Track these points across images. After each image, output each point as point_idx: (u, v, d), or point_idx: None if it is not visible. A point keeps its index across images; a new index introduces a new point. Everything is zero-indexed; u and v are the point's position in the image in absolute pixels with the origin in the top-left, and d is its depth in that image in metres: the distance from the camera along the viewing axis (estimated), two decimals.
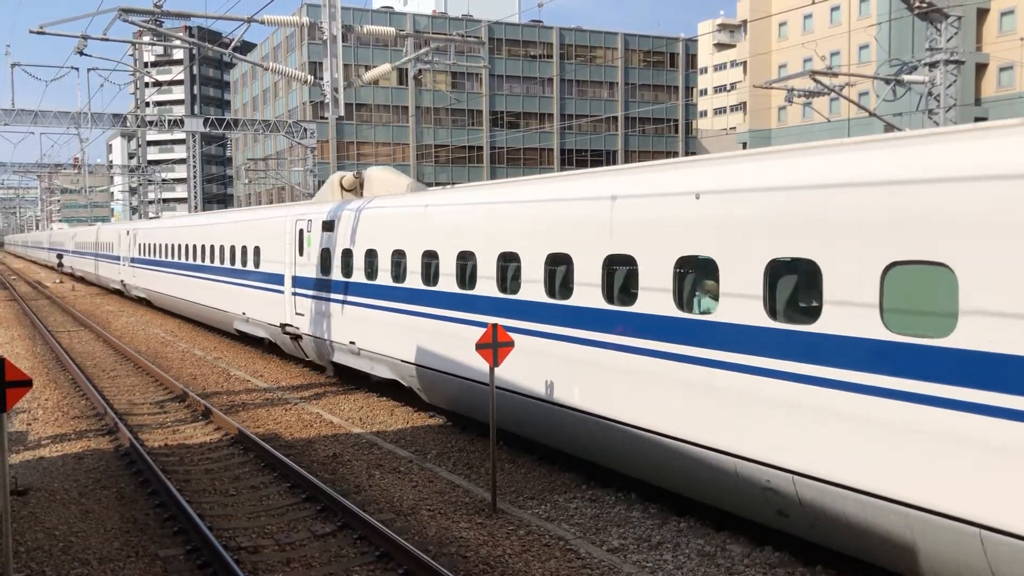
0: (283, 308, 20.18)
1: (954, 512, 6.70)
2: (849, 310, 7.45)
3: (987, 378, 6.52)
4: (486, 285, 12.57)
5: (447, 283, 13.57)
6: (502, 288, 12.24)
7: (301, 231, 19.43)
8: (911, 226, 7.02)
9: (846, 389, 7.43)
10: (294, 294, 19.53)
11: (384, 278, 15.52)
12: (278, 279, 20.51)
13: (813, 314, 7.85)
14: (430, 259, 14.13)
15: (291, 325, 19.84)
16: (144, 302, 38.58)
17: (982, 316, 6.54)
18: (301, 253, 19.29)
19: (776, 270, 8.23)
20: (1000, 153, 6.64)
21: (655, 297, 9.58)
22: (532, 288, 11.62)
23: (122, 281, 40.70)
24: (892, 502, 7.10)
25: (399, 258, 15.16)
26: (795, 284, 8.17)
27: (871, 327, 7.28)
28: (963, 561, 6.75)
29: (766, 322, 8.24)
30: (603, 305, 10.34)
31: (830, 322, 7.62)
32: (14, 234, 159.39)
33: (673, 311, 9.34)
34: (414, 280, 14.52)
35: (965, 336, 6.64)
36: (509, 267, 12.19)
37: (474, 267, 12.88)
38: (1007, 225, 6.43)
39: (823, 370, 7.65)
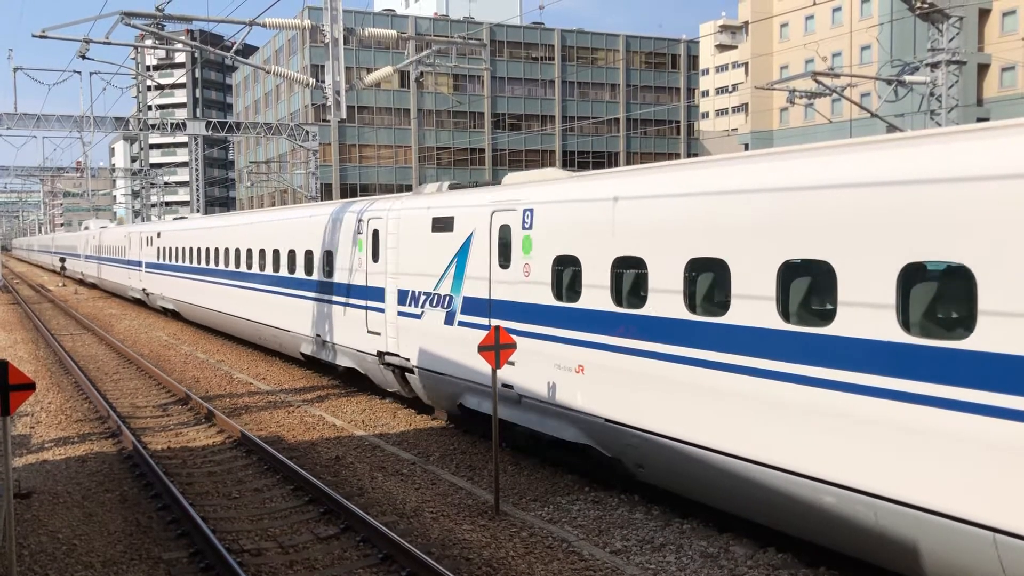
0: (382, 332, 15.78)
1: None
2: None
3: None
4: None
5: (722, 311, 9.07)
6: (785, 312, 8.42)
7: (375, 232, 16.01)
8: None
9: None
10: (402, 314, 15.08)
11: (592, 297, 10.70)
12: (372, 294, 16.18)
13: None
14: (638, 270, 10.06)
15: (394, 354, 15.51)
16: (174, 315, 33.47)
17: None
18: (375, 259, 15.98)
19: None
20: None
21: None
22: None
23: (144, 290, 36.42)
24: None
25: (580, 269, 10.94)
26: None
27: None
28: None
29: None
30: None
31: None
32: (19, 238, 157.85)
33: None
34: (653, 304, 9.81)
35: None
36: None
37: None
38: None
39: None
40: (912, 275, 7.18)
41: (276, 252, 21.09)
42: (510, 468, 12.54)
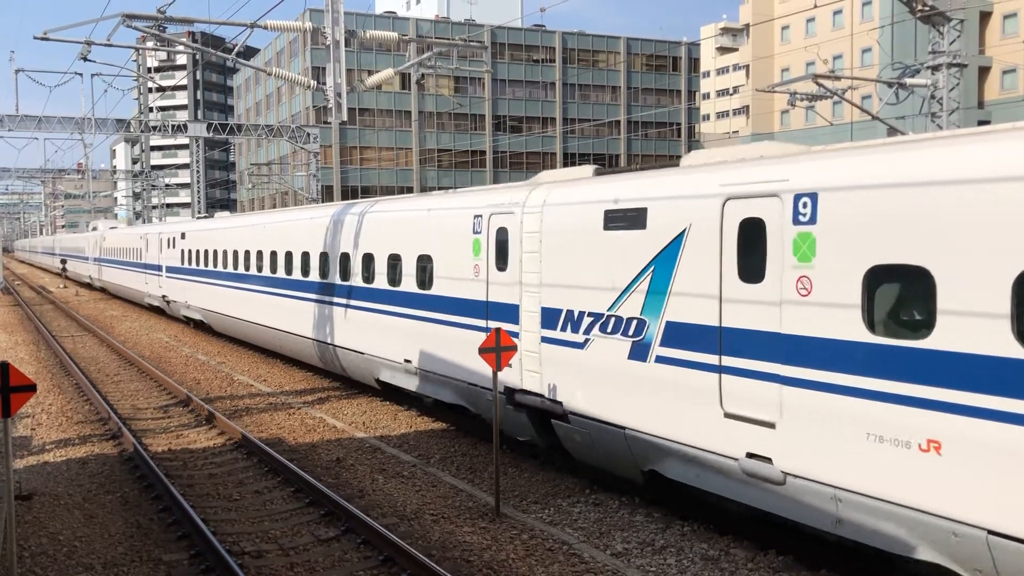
0: (513, 362, 12.00)
1: None
2: None
3: None
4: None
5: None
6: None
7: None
8: None
9: None
10: (549, 341, 11.28)
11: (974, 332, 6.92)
12: (496, 311, 12.49)
13: None
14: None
15: (533, 393, 11.71)
16: (199, 326, 30.19)
17: None
18: (501, 267, 12.42)
19: None
20: None
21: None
22: None
23: (163, 297, 32.87)
24: None
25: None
26: None
27: None
28: None
29: None
30: None
31: None
32: (22, 239, 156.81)
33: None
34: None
35: None
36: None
37: None
38: None
39: None
40: None
41: (344, 257, 17.40)
42: (511, 470, 12.54)
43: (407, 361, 15.07)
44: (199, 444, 14.37)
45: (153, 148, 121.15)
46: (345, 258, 17.42)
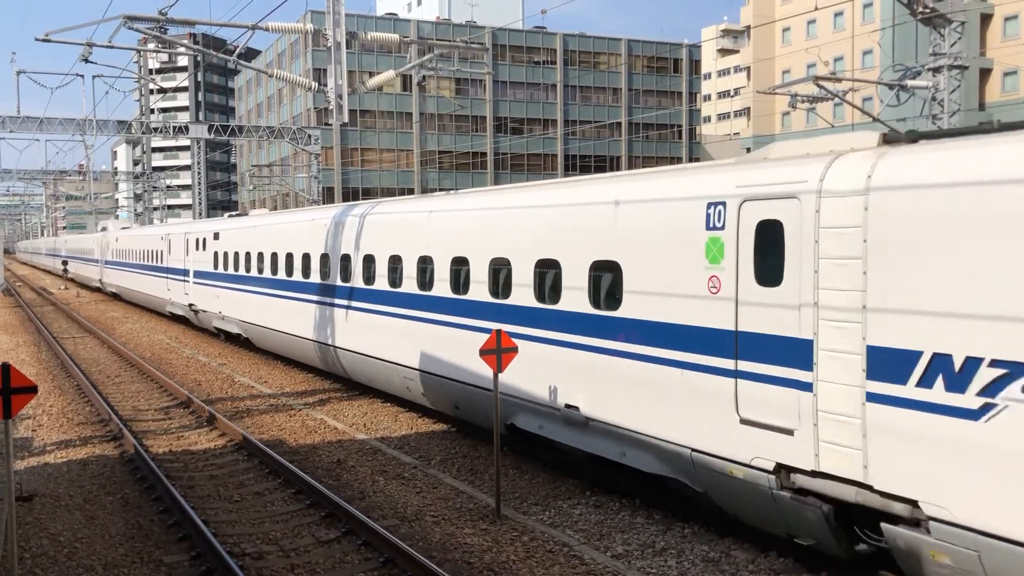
0: (794, 427, 8.13)
1: None
2: None
3: None
4: None
5: None
6: None
7: None
8: None
9: None
10: (902, 404, 7.30)
11: None
12: (755, 348, 8.55)
13: None
14: None
15: (842, 479, 7.84)
16: (231, 339, 26.91)
17: None
18: (769, 281, 8.43)
19: None
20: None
21: None
22: None
23: (190, 305, 28.99)
24: None
25: None
26: None
27: None
28: None
29: None
30: None
31: None
32: (24, 240, 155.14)
33: None
34: None
35: None
36: None
37: None
38: None
39: None
40: None
41: (460, 263, 13.18)
42: (511, 472, 12.54)
43: (569, 408, 11.03)
44: (200, 445, 14.37)
45: (154, 150, 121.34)
46: (459, 269, 13.13)
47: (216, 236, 26.36)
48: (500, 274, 12.46)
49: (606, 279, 10.49)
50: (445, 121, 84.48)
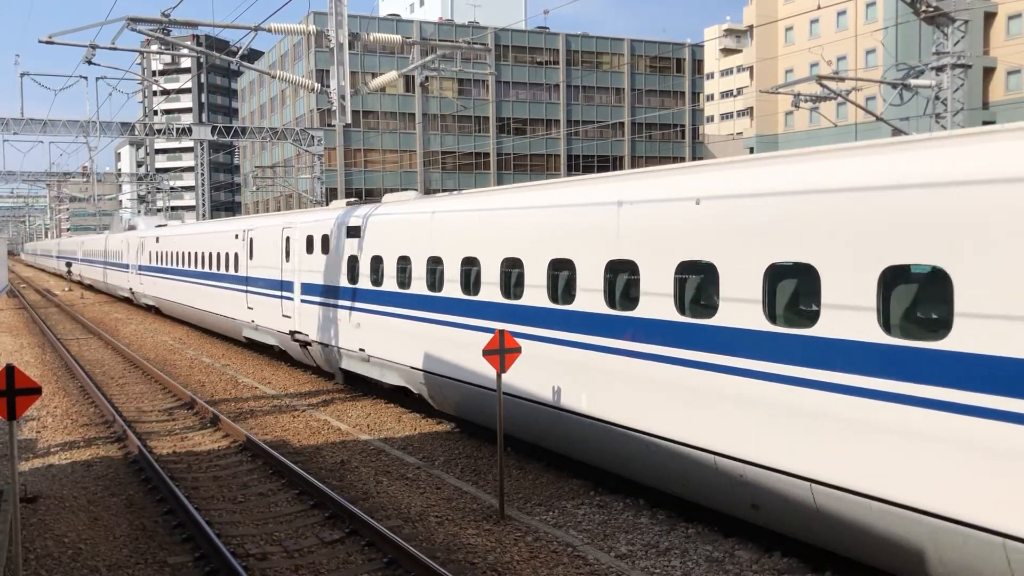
0: None
1: None
2: None
3: None
4: None
5: None
6: None
7: None
8: None
9: None
10: None
11: None
12: None
13: None
14: None
15: None
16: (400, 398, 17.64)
17: None
18: None
19: None
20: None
21: None
22: None
23: (296, 333, 20.26)
24: None
25: None
26: None
27: None
28: None
29: None
30: None
31: None
32: (32, 242, 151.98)
33: None
34: None
35: None
36: None
37: None
38: None
39: None
40: None
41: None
42: (515, 472, 12.54)
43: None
44: (204, 446, 14.39)
45: (158, 151, 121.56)
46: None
47: (355, 231, 17.24)
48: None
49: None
50: (448, 122, 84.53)
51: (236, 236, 24.70)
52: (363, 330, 16.85)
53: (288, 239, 20.80)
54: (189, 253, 29.95)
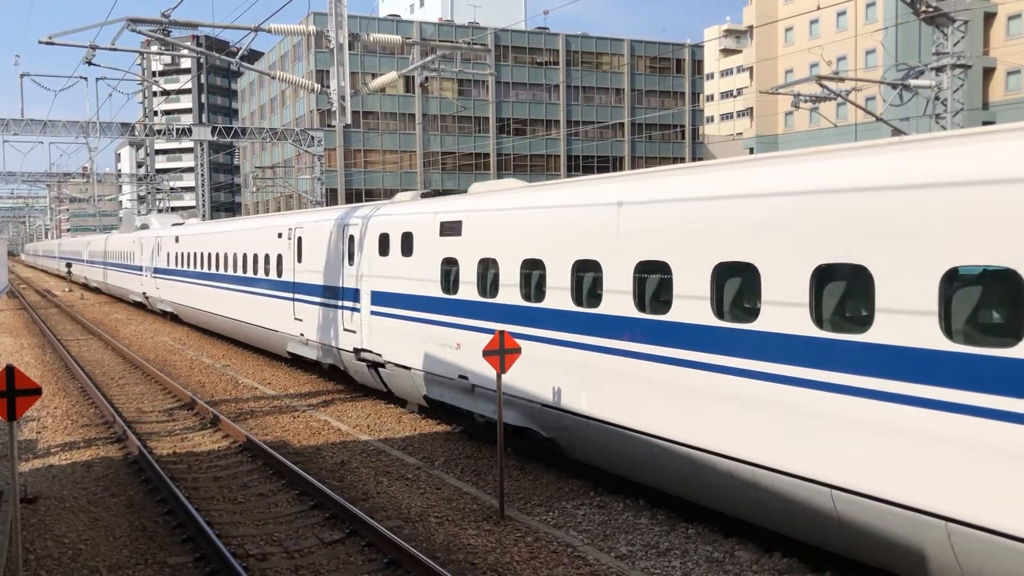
0: None
1: None
2: None
3: None
4: None
5: None
6: None
7: None
8: None
9: None
10: None
11: None
12: None
13: None
14: None
15: None
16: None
17: None
18: None
19: None
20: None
21: None
22: None
23: (364, 353, 17.00)
24: None
25: None
26: None
27: None
28: None
29: None
30: None
31: None
32: (34, 242, 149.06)
33: None
34: None
35: None
36: None
37: None
38: None
39: None
40: None
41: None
42: (515, 473, 12.54)
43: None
44: (204, 447, 14.39)
45: (158, 152, 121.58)
46: None
47: (452, 229, 13.85)
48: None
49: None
50: (448, 122, 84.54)
51: (280, 235, 21.28)
52: (466, 353, 13.29)
53: (351, 238, 17.25)
54: (218, 254, 26.26)
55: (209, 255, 27.38)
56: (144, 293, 37.68)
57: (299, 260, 19.84)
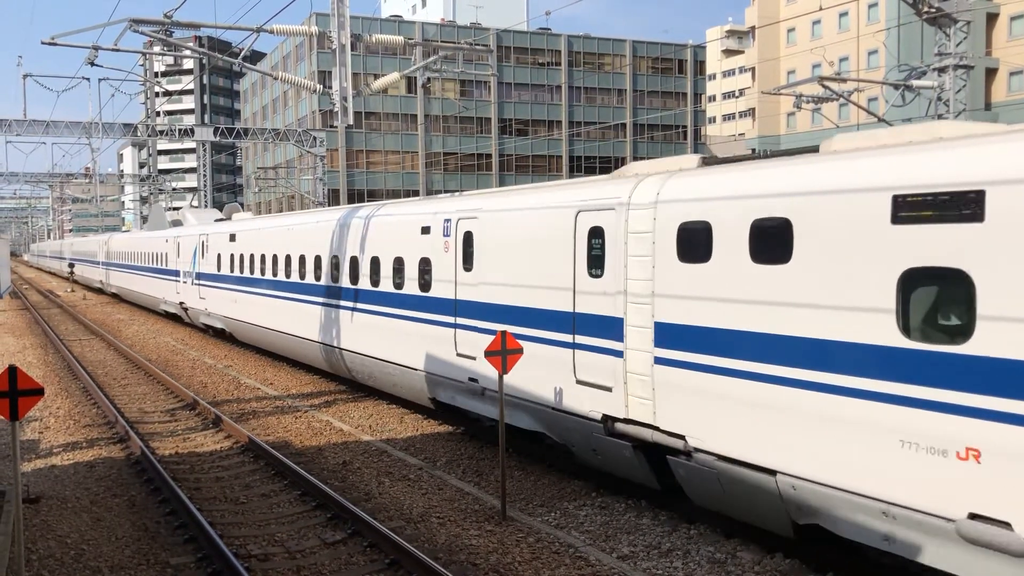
0: None
1: None
2: None
3: None
4: None
5: None
6: None
7: None
8: None
9: None
10: None
11: None
12: None
13: None
14: None
15: None
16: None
17: None
18: None
19: None
20: None
21: None
22: None
23: (635, 422, 10.22)
24: None
25: None
26: None
27: None
28: None
29: None
30: None
31: None
32: (40, 242, 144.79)
33: None
34: None
35: None
36: None
37: None
38: None
39: None
40: None
41: None
42: (517, 473, 12.54)
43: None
44: (206, 447, 14.40)
45: (160, 152, 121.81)
46: None
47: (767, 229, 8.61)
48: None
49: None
50: (450, 123, 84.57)
51: (425, 229, 14.98)
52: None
53: (600, 233, 10.85)
54: (303, 258, 20.09)
55: (285, 258, 21.11)
56: (181, 303, 31.14)
57: (466, 267, 13.70)
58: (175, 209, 44.77)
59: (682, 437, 9.53)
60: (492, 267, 13.03)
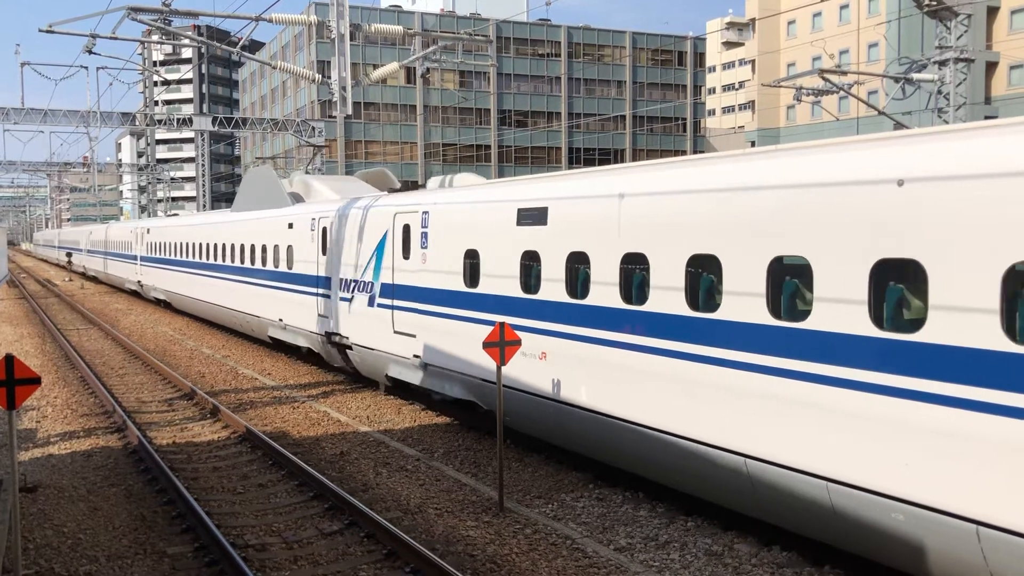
0: None
1: None
2: None
3: None
4: None
5: None
6: None
7: None
8: None
9: None
10: None
11: None
12: None
13: None
14: None
15: None
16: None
17: None
18: None
19: None
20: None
21: None
22: None
23: None
24: None
25: None
26: None
27: None
28: None
29: None
30: None
31: None
32: (42, 231, 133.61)
33: None
34: None
35: None
36: None
37: None
38: None
39: None
40: None
41: None
42: (514, 465, 12.54)
43: None
44: (203, 437, 14.39)
45: (158, 142, 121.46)
46: None
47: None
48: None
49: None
50: (449, 114, 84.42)
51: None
52: None
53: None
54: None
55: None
56: (329, 333, 18.44)
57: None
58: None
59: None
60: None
